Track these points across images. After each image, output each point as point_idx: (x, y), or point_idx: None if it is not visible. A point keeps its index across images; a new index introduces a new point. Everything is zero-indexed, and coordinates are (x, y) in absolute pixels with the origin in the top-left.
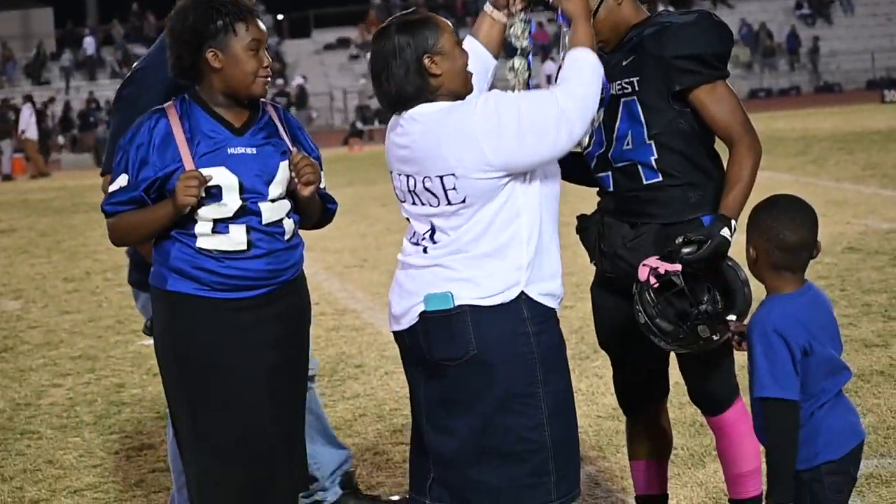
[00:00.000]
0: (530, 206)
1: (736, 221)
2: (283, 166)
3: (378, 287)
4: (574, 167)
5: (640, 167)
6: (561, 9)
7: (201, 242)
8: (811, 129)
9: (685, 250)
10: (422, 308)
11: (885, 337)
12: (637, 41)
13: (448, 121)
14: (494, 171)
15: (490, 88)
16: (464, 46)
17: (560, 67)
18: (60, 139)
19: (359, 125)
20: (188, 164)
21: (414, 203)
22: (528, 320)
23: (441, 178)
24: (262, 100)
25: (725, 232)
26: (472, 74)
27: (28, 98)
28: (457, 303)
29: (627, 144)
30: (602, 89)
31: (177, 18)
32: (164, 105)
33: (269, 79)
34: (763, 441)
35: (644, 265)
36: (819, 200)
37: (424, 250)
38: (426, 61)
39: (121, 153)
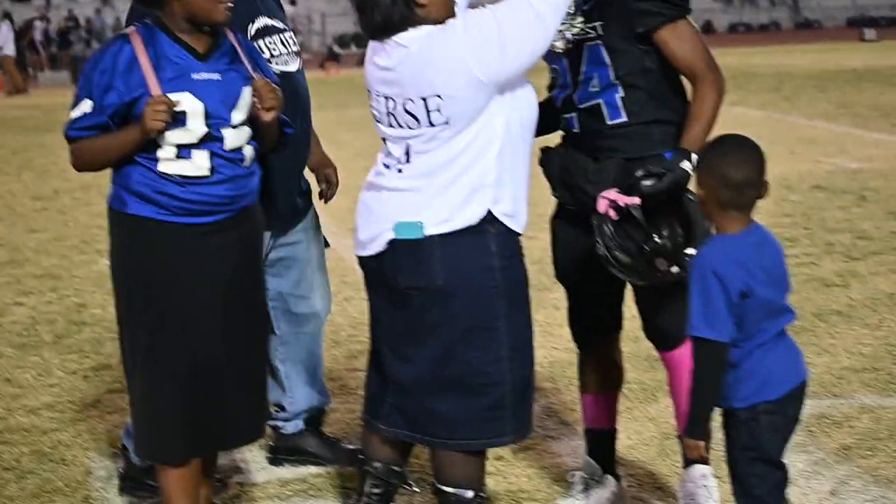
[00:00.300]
0: (506, 129)
1: (696, 156)
2: (247, 92)
3: (344, 213)
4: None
5: (604, 107)
6: None
7: (163, 167)
8: (787, 65)
9: (645, 183)
10: (391, 235)
11: (846, 277)
12: None
13: (432, 44)
14: (482, 86)
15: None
16: None
17: None
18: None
19: (335, 49)
20: (154, 89)
21: (391, 125)
22: (495, 255)
23: (425, 99)
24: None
25: (686, 165)
26: (455, 2)
27: (6, 15)
28: (427, 232)
29: (593, 86)
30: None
31: None
32: (128, 30)
33: (229, 5)
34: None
35: (603, 197)
36: (790, 137)
37: (399, 171)
38: None
39: (84, 79)
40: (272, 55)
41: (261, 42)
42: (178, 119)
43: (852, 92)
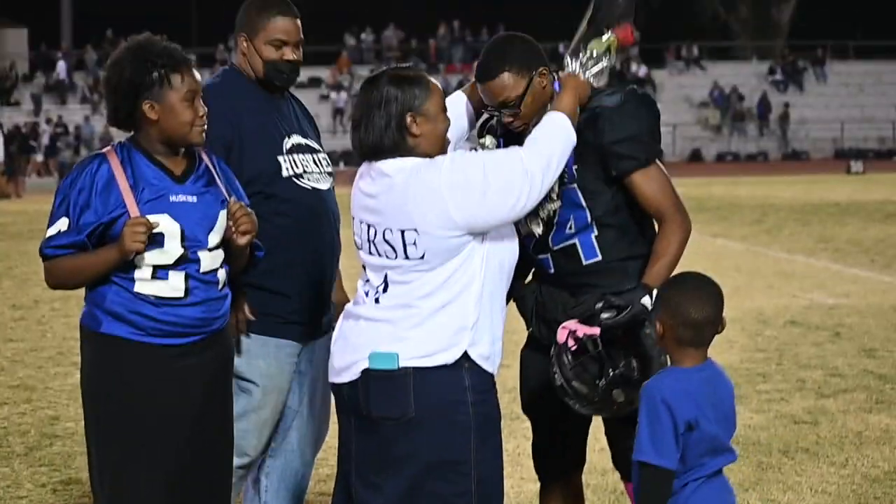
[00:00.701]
0: (485, 270)
1: (656, 292)
2: (223, 215)
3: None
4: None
5: (580, 247)
6: (560, 77)
7: (139, 287)
8: (771, 197)
9: (604, 315)
10: (365, 365)
11: (815, 414)
12: None
13: (416, 178)
14: (457, 229)
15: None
16: (450, 100)
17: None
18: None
19: None
20: (133, 210)
21: (370, 253)
22: (468, 389)
23: (402, 231)
24: (198, 149)
25: (646, 300)
26: (448, 142)
27: None
28: (401, 364)
29: (570, 228)
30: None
31: (112, 70)
32: (104, 150)
33: (204, 127)
34: (633, 501)
35: (563, 327)
36: (769, 271)
37: (376, 300)
38: (408, 119)
39: (61, 196)
40: (304, 171)
41: (294, 157)
42: (156, 240)
43: (834, 226)
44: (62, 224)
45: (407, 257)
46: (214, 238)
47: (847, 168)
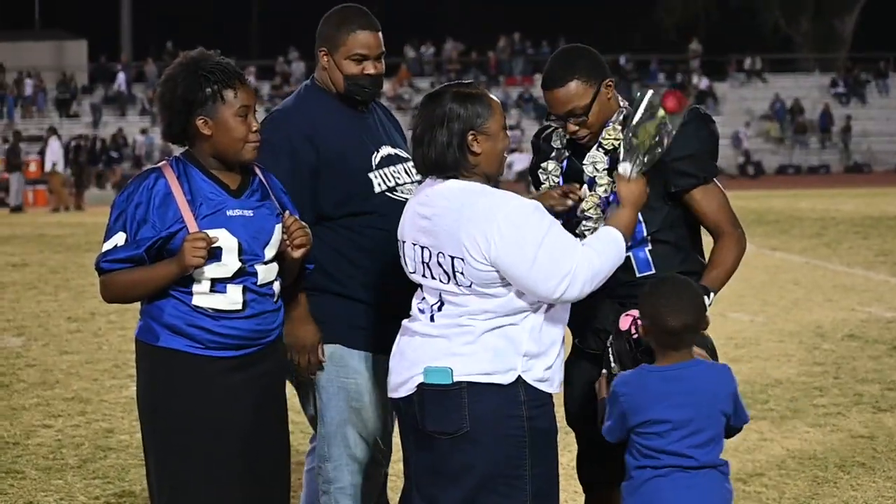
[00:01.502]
0: (537, 303)
1: (715, 295)
2: (278, 229)
3: None
4: None
5: (634, 261)
6: (618, 189)
7: (197, 300)
8: (832, 210)
9: None
10: (421, 379)
11: (872, 429)
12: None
13: (475, 204)
14: (489, 265)
15: None
16: None
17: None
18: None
19: None
20: (192, 225)
21: (425, 276)
22: (523, 404)
23: (453, 258)
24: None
25: (705, 299)
26: (506, 159)
27: (53, 131)
28: (455, 378)
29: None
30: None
31: (166, 86)
32: (160, 164)
33: (258, 143)
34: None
35: (627, 315)
36: (827, 285)
37: (432, 318)
38: (470, 137)
39: (117, 211)
40: (397, 184)
41: (385, 171)
42: (215, 255)
43: (894, 239)
44: (119, 238)
45: (457, 284)
46: (270, 251)
47: None
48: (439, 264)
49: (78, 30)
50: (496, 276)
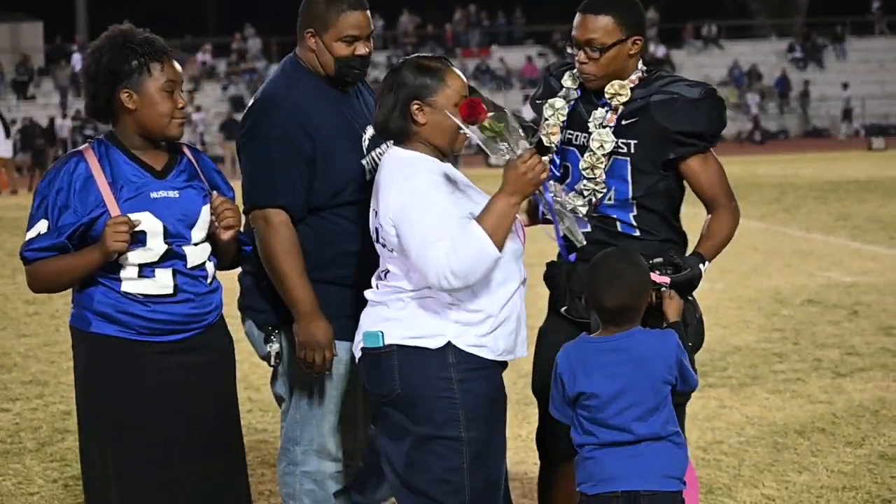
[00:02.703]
0: None
1: (709, 263)
2: (206, 209)
3: None
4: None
5: (618, 223)
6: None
7: (126, 286)
8: (791, 175)
9: (667, 270)
10: (362, 343)
11: (832, 394)
12: (643, 105)
13: (400, 170)
14: (395, 232)
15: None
16: None
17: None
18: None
19: None
20: (113, 209)
21: (376, 240)
22: (452, 366)
23: (381, 222)
24: (179, 141)
25: (701, 266)
26: (464, 137)
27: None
28: (386, 342)
29: (609, 199)
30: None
31: (92, 57)
32: (81, 147)
33: (184, 120)
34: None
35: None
36: (786, 250)
37: (377, 286)
38: (413, 106)
39: (39, 198)
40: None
41: (373, 153)
42: (139, 239)
43: (853, 203)
44: (42, 226)
45: (384, 247)
46: (198, 233)
47: (868, 145)
48: (378, 228)
49: (34, 11)
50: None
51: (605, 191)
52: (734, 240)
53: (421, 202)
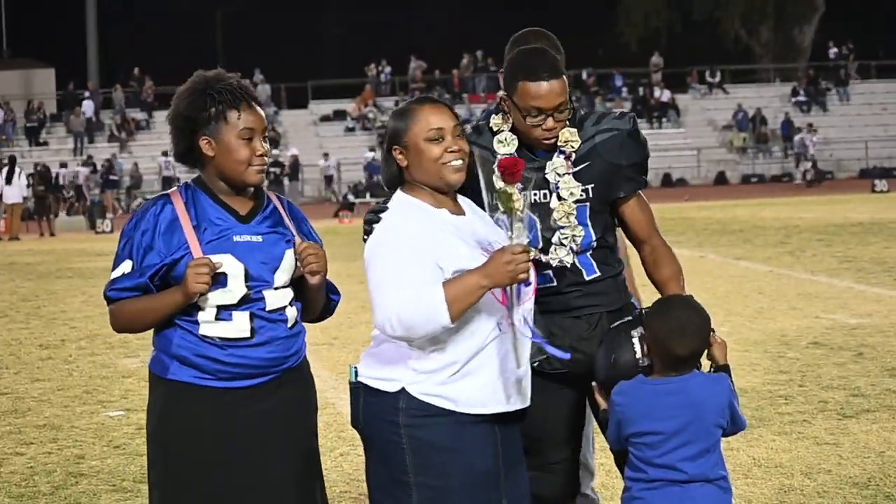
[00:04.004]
0: None
1: None
2: (289, 254)
3: (344, 367)
4: None
5: (580, 265)
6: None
7: (204, 329)
8: (795, 218)
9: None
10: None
11: (837, 436)
12: (590, 147)
13: (388, 212)
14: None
15: None
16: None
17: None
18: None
19: (350, 198)
20: (196, 251)
21: None
22: (402, 410)
23: None
24: (267, 190)
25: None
26: (454, 168)
27: (11, 160)
28: (358, 378)
29: (574, 246)
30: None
31: (174, 103)
32: (169, 191)
33: (264, 167)
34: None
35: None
36: (791, 293)
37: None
38: (395, 152)
39: (125, 239)
40: None
41: None
42: (220, 280)
43: (857, 246)
44: (126, 266)
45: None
46: (281, 277)
47: (871, 187)
48: None
49: (46, 58)
50: None
51: (582, 234)
52: (740, 283)
53: (390, 246)
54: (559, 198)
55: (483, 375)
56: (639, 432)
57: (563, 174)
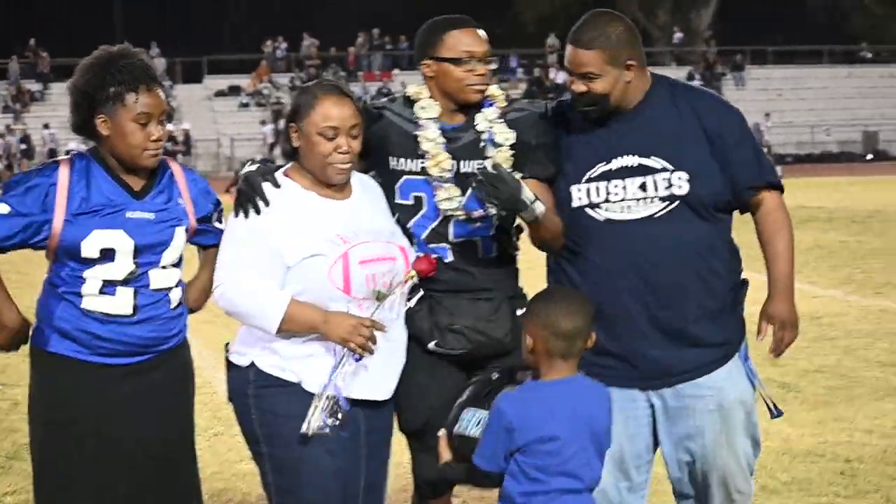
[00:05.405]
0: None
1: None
2: (179, 233)
3: (221, 342)
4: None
5: (480, 242)
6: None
7: (87, 303)
8: None
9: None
10: None
11: None
12: (506, 121)
13: None
14: None
15: None
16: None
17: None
18: None
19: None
20: (57, 221)
21: None
22: (251, 383)
23: None
24: (169, 159)
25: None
26: (338, 169)
27: None
28: (228, 354)
29: (475, 223)
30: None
31: (76, 75)
32: (60, 158)
33: (158, 152)
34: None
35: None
36: None
37: None
38: (291, 129)
39: (4, 190)
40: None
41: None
42: (107, 255)
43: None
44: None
45: None
46: (169, 257)
47: None
48: None
49: None
50: None
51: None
52: None
53: (233, 226)
54: (495, 144)
55: (327, 359)
56: (538, 438)
57: (495, 120)
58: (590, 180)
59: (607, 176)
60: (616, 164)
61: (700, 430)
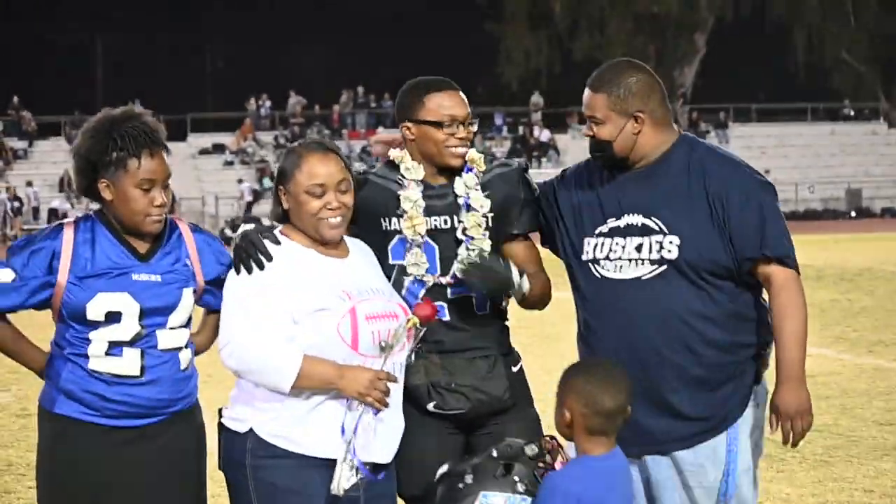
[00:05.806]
0: None
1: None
2: (187, 294)
3: (215, 405)
4: None
5: (474, 299)
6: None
7: (93, 364)
8: None
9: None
10: None
11: None
12: (490, 178)
13: None
14: None
15: None
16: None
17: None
18: None
19: (228, 233)
20: (61, 281)
21: None
22: (249, 451)
23: None
24: (176, 218)
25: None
26: (330, 225)
27: None
28: (222, 419)
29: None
30: None
31: (79, 139)
32: (65, 221)
33: (160, 217)
34: None
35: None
36: None
37: None
38: (280, 192)
39: (9, 254)
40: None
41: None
42: (114, 318)
43: None
44: (5, 275)
45: None
46: (176, 318)
47: None
48: None
49: None
50: None
51: (489, 247)
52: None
53: (246, 282)
54: (469, 208)
55: (327, 420)
56: None
57: (473, 186)
58: (600, 235)
59: (614, 233)
60: (624, 221)
61: None
